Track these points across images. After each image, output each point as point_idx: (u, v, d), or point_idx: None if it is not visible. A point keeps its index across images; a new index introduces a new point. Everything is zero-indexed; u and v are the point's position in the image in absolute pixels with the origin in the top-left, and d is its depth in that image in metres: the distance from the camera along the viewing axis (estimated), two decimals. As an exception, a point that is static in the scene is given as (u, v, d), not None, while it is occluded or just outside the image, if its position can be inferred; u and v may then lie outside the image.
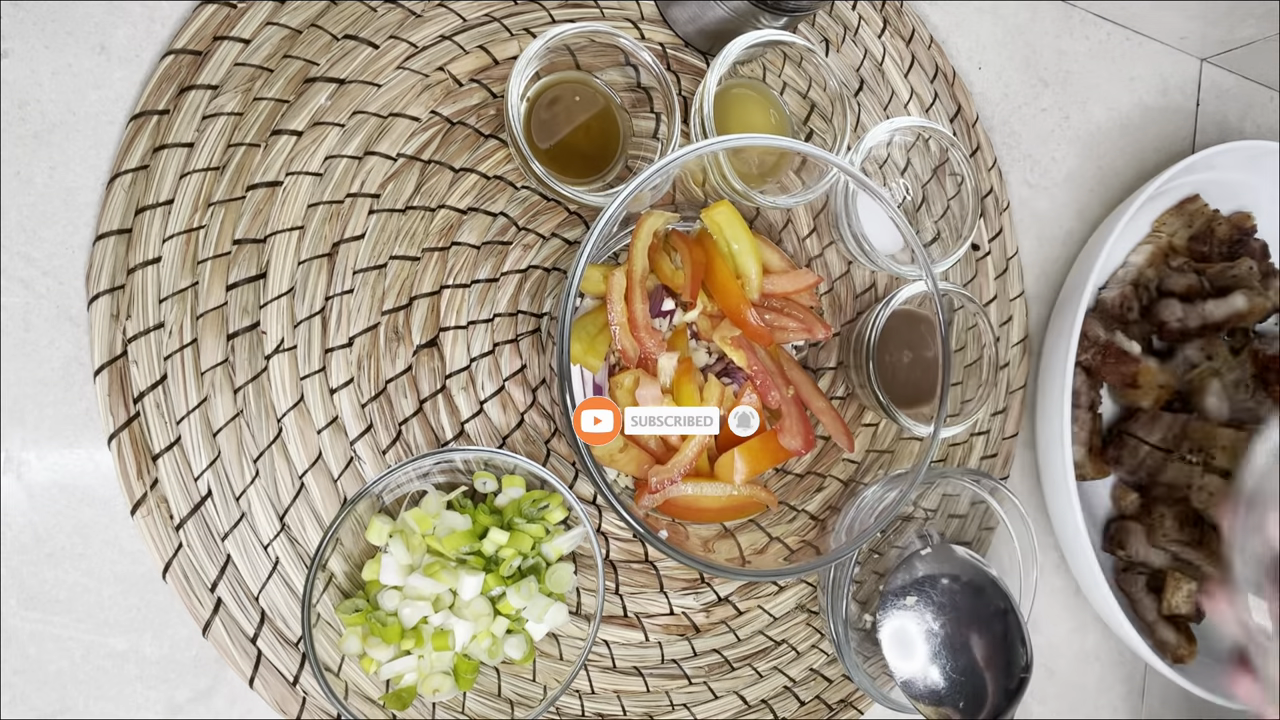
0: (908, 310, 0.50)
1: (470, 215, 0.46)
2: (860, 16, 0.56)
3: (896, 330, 0.50)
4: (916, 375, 0.50)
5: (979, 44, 0.61)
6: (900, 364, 0.50)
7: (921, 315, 0.51)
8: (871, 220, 0.50)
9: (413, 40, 0.46)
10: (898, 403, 0.48)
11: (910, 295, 0.48)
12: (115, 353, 0.40)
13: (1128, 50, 0.66)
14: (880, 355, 0.48)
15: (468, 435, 0.46)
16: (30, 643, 0.39)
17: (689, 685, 0.49)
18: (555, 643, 0.46)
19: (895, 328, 0.49)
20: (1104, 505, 0.61)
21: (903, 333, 0.50)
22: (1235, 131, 0.70)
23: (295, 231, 0.43)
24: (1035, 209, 0.62)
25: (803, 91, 0.52)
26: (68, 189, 0.41)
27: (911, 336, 0.50)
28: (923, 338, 0.51)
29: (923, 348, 0.51)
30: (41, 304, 0.40)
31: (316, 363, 0.43)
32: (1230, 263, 0.59)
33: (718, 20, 0.48)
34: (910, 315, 0.50)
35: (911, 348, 0.50)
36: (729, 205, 0.46)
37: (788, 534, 0.49)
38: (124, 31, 0.42)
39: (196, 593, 0.40)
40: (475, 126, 0.47)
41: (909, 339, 0.50)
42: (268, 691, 0.41)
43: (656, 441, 0.45)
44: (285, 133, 0.43)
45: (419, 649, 0.41)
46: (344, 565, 0.42)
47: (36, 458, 0.40)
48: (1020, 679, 0.47)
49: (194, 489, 0.41)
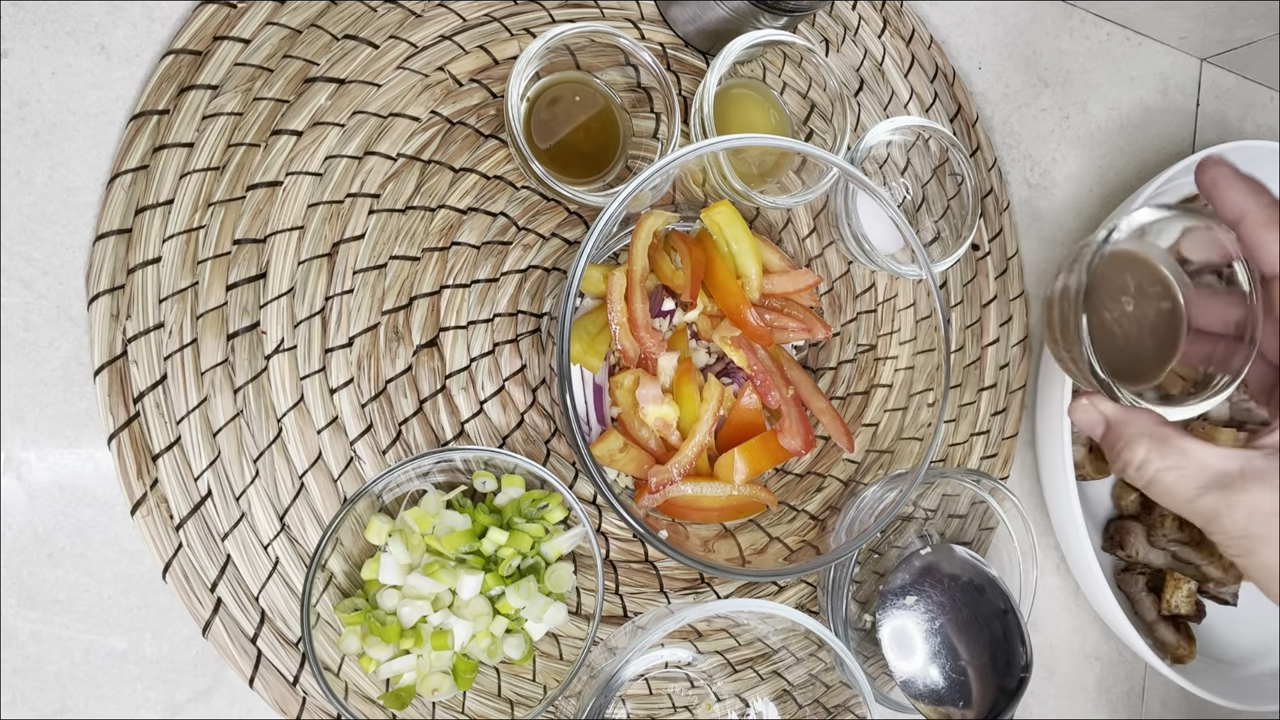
0: (1125, 252, 0.35)
1: (470, 215, 0.46)
2: (860, 16, 0.56)
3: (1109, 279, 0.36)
4: (1137, 335, 0.36)
5: (979, 44, 0.61)
6: (1119, 322, 0.36)
7: (1141, 258, 0.35)
8: (871, 220, 0.50)
9: (413, 40, 0.46)
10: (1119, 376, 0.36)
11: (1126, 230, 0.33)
12: (115, 353, 0.40)
13: (1128, 50, 0.66)
14: (1092, 313, 0.33)
15: (468, 435, 0.46)
16: (30, 643, 0.39)
17: (690, 688, 0.49)
18: (555, 642, 0.46)
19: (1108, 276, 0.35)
20: (1104, 505, 0.61)
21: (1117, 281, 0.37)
22: (1235, 131, 0.70)
23: (295, 231, 0.43)
24: (1035, 209, 0.62)
25: (803, 91, 0.52)
26: (68, 189, 0.41)
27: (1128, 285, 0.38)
28: (1142, 287, 0.36)
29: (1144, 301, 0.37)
30: (41, 304, 0.40)
31: (316, 363, 0.43)
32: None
33: (718, 20, 0.48)
34: (1127, 259, 0.35)
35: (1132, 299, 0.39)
36: (729, 205, 0.46)
37: (788, 534, 0.49)
38: (124, 31, 0.42)
39: (196, 593, 0.40)
40: (475, 126, 0.47)
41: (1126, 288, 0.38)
42: (268, 691, 0.41)
43: (656, 441, 0.45)
44: (285, 133, 0.43)
45: (418, 648, 0.41)
46: (343, 565, 0.42)
47: (36, 458, 0.40)
48: (1020, 679, 0.47)
49: (194, 489, 0.41)
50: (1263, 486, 0.25)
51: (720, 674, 0.50)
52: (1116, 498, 0.60)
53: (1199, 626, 0.58)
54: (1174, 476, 0.27)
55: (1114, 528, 0.59)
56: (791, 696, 0.52)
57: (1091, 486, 0.60)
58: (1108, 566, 0.60)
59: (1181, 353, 0.31)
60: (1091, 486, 0.60)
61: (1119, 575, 0.59)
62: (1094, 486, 0.60)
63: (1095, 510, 0.60)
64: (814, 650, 0.52)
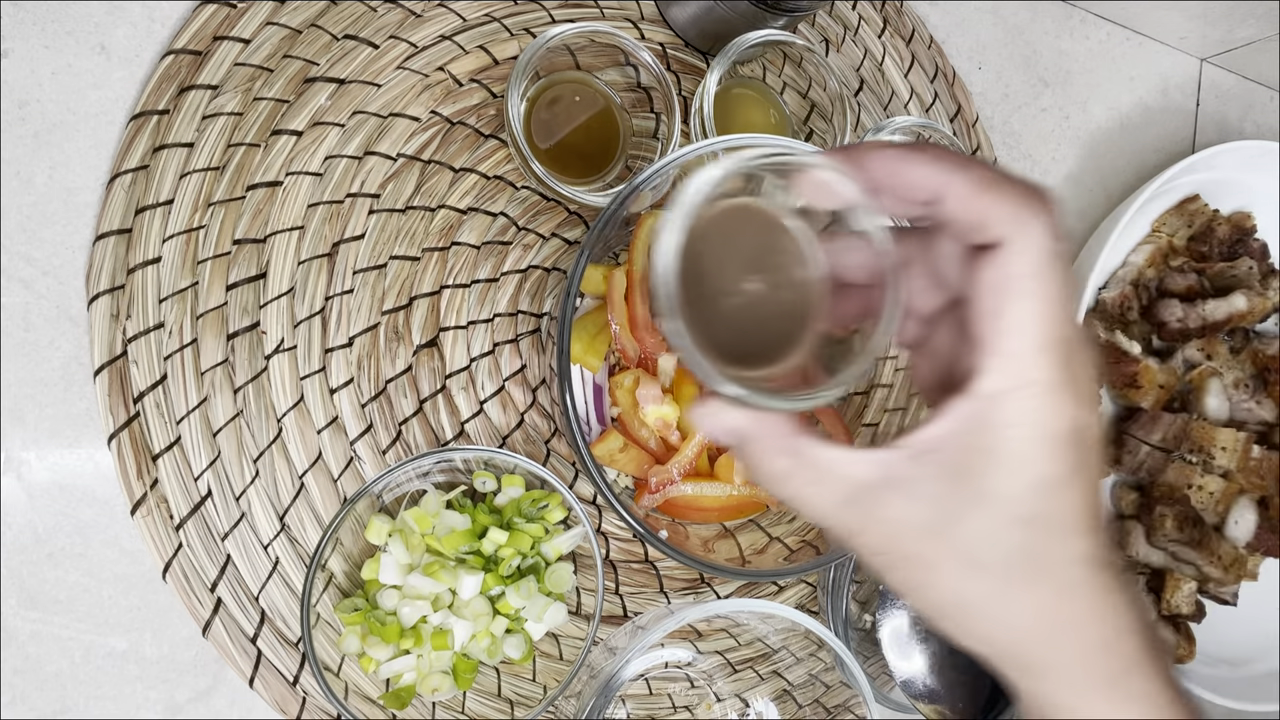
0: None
1: (470, 215, 0.46)
2: (860, 16, 0.56)
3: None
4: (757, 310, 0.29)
5: (979, 44, 0.61)
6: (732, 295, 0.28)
7: (756, 210, 0.28)
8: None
9: (413, 40, 0.46)
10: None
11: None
12: (115, 353, 0.40)
13: (1128, 50, 0.66)
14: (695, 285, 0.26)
15: (468, 435, 0.46)
16: (30, 643, 0.39)
17: (690, 688, 0.49)
18: (555, 642, 0.46)
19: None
20: (1104, 505, 0.61)
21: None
22: (1235, 131, 0.70)
23: (295, 231, 0.43)
24: (1035, 209, 0.62)
25: (803, 91, 0.52)
26: (68, 189, 0.41)
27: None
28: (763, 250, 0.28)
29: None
30: (41, 304, 0.40)
31: (316, 363, 0.43)
32: (1230, 263, 0.59)
33: (718, 20, 0.48)
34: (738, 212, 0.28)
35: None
36: (729, 205, 0.45)
37: (788, 534, 0.49)
38: (124, 31, 0.42)
39: (196, 593, 0.40)
40: (475, 126, 0.47)
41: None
42: (268, 691, 0.41)
43: (656, 441, 0.45)
44: (285, 133, 0.43)
45: (418, 648, 0.41)
46: (343, 565, 0.42)
47: (36, 458, 0.40)
48: (1020, 679, 0.47)
49: (194, 489, 0.41)
50: (902, 497, 0.21)
51: (720, 674, 0.50)
52: (1116, 498, 0.60)
53: (1199, 626, 0.58)
54: (812, 491, 0.22)
55: (1114, 528, 0.59)
56: (791, 696, 0.52)
57: (1091, 486, 0.60)
58: (1108, 566, 0.60)
59: (814, 327, 0.25)
60: (1091, 486, 0.60)
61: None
62: (1094, 486, 0.60)
63: (1095, 510, 0.60)
64: (814, 650, 0.52)
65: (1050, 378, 0.20)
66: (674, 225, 0.22)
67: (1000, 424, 0.21)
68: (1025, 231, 0.20)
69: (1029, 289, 0.20)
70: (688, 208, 0.22)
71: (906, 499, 0.21)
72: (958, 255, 0.23)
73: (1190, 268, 0.60)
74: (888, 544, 0.22)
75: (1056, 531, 0.21)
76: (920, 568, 0.22)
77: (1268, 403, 0.58)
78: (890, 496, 0.21)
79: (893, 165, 0.22)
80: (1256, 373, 0.59)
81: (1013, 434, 0.21)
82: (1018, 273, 0.20)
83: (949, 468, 0.21)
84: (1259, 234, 0.62)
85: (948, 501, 0.21)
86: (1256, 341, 0.59)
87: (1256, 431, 0.58)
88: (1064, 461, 0.21)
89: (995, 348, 0.21)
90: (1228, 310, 0.57)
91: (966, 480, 0.21)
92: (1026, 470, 0.21)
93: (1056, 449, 0.21)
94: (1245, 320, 0.57)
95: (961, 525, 0.21)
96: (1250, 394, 0.58)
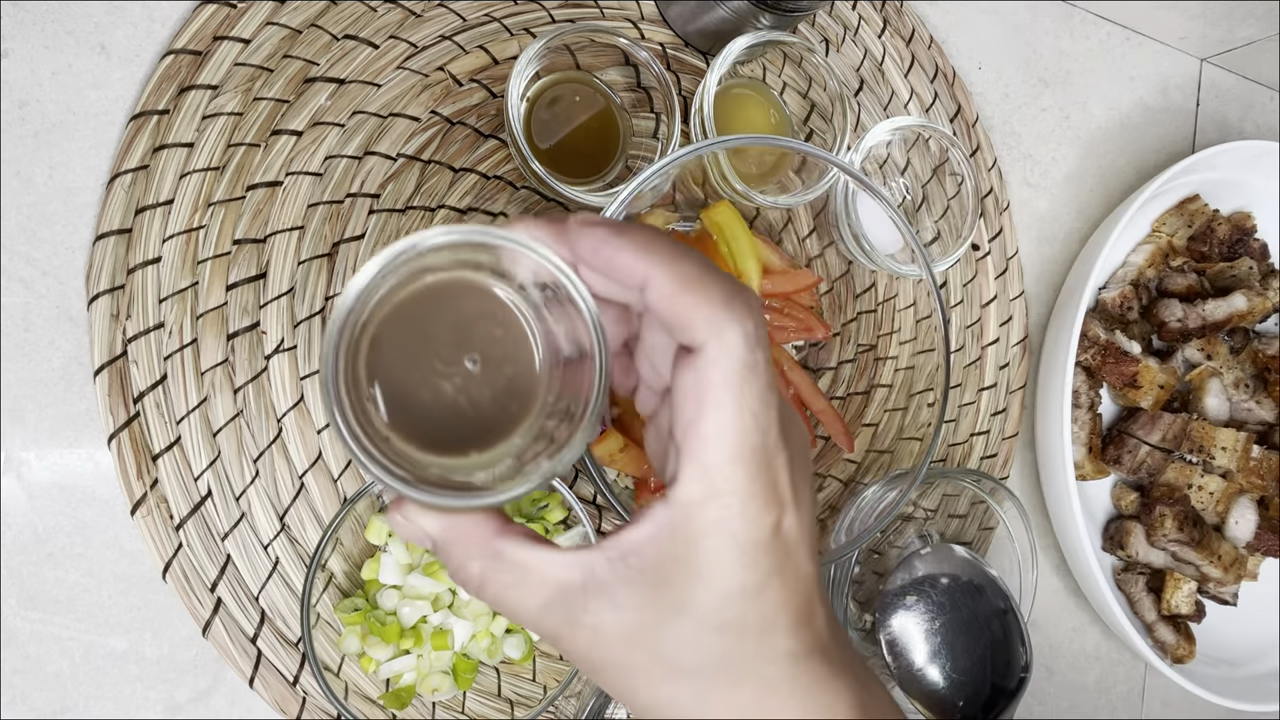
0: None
1: (470, 215, 0.46)
2: (860, 16, 0.56)
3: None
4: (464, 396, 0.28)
5: (979, 44, 0.61)
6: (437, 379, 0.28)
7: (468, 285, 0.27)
8: (871, 220, 0.50)
9: (413, 40, 0.46)
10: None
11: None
12: (115, 353, 0.40)
13: (1128, 50, 0.66)
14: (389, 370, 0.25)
15: (468, 435, 0.46)
16: (30, 643, 0.39)
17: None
18: (555, 643, 0.46)
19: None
20: (1104, 505, 0.61)
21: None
22: (1235, 131, 0.70)
23: (295, 231, 0.43)
24: (1035, 209, 0.62)
25: (803, 91, 0.52)
26: (68, 189, 0.41)
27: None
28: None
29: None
30: (41, 304, 0.40)
31: (317, 363, 0.43)
32: (1230, 263, 0.59)
33: (718, 20, 0.48)
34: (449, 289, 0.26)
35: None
36: (729, 205, 0.45)
37: (787, 534, 0.49)
38: (124, 31, 0.42)
39: (196, 593, 0.40)
40: (475, 126, 0.47)
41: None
42: (268, 691, 0.41)
43: (656, 441, 0.45)
44: (285, 133, 0.43)
45: (418, 648, 0.41)
46: (343, 565, 0.42)
47: (36, 458, 0.40)
48: (1020, 679, 0.47)
49: (194, 489, 0.41)
50: (604, 603, 0.21)
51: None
52: (1116, 498, 0.60)
53: (1199, 626, 0.58)
54: (513, 594, 0.22)
55: (1114, 528, 0.59)
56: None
57: (1091, 486, 0.60)
58: (1108, 566, 0.60)
59: (541, 403, 0.23)
60: (1091, 486, 0.60)
61: (1119, 575, 0.59)
62: (1094, 486, 0.60)
63: (1095, 510, 0.60)
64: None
65: (743, 488, 0.20)
66: (341, 306, 0.20)
67: (696, 534, 0.21)
68: (722, 339, 0.20)
69: (722, 399, 0.20)
70: (360, 284, 0.20)
71: (607, 604, 0.21)
72: (670, 346, 0.22)
73: (1190, 268, 0.60)
74: (591, 650, 0.22)
75: (753, 634, 0.21)
76: (625, 673, 0.22)
77: (1268, 403, 0.58)
78: (591, 601, 0.21)
79: (600, 247, 0.21)
80: (1256, 373, 0.59)
81: (708, 544, 0.21)
82: (712, 382, 0.20)
83: (648, 574, 0.21)
84: (1259, 234, 0.62)
85: (647, 610, 0.21)
86: (1256, 341, 0.59)
87: (1256, 431, 0.58)
88: (759, 568, 0.21)
89: (691, 456, 0.21)
90: (1228, 310, 0.57)
91: (665, 588, 0.21)
92: (721, 580, 0.21)
93: (750, 556, 0.21)
94: (1245, 320, 0.58)
95: (661, 633, 0.21)
96: (1250, 394, 0.58)
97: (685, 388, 0.21)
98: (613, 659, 0.22)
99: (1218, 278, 0.59)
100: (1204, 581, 0.57)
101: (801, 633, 0.22)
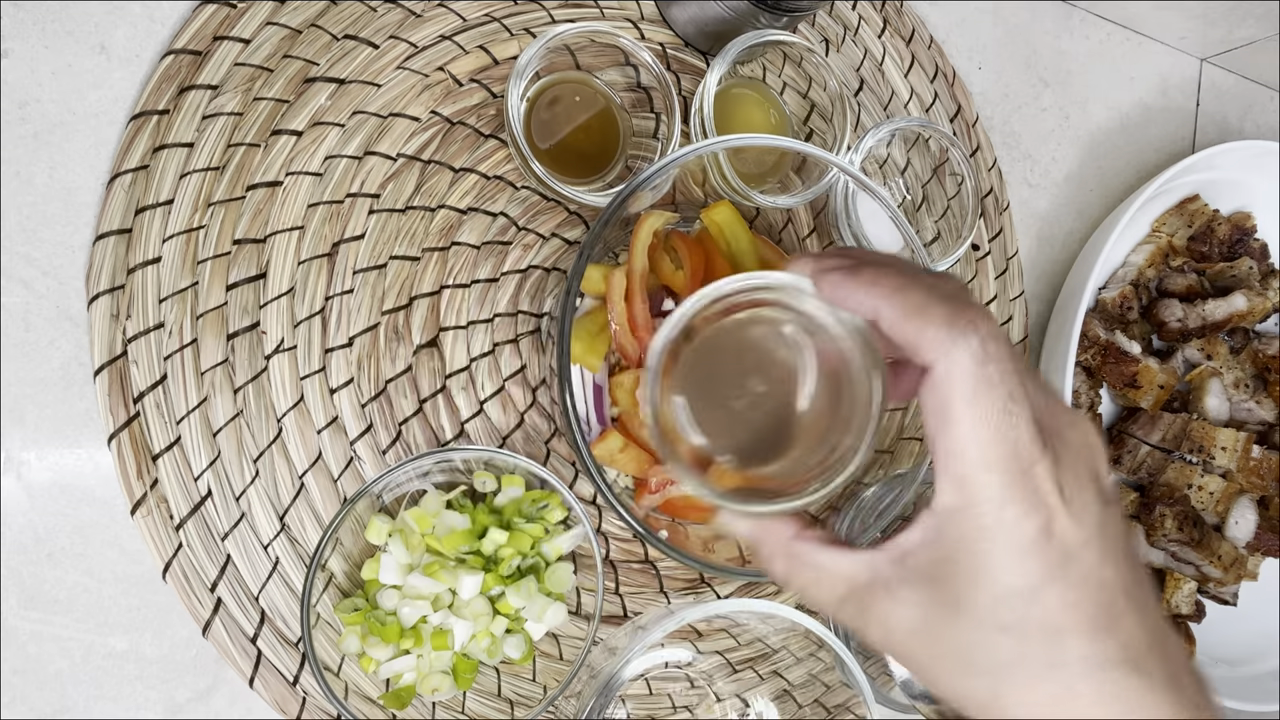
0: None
1: (470, 215, 0.46)
2: (860, 16, 0.56)
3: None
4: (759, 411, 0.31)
5: (979, 44, 0.61)
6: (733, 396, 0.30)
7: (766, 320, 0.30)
8: (871, 220, 0.50)
9: (413, 40, 0.46)
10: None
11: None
12: (115, 353, 0.40)
13: (1128, 50, 0.66)
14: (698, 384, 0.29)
15: (468, 435, 0.46)
16: (30, 643, 0.39)
17: (690, 688, 0.49)
18: (555, 642, 0.46)
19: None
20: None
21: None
22: (1235, 131, 0.70)
23: (295, 231, 0.43)
24: (1035, 209, 0.62)
25: (803, 91, 0.52)
26: (68, 189, 0.41)
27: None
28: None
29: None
30: (41, 304, 0.40)
31: (316, 363, 0.43)
32: (1230, 263, 0.59)
33: (718, 20, 0.48)
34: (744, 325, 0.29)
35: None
36: (729, 205, 0.46)
37: (788, 534, 0.49)
38: (124, 31, 0.42)
39: (196, 593, 0.40)
40: (475, 126, 0.47)
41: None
42: (268, 691, 0.41)
43: (656, 441, 0.45)
44: (285, 133, 0.43)
45: (418, 648, 0.41)
46: (343, 565, 0.42)
47: (36, 458, 0.40)
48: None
49: (194, 489, 0.41)
50: (890, 600, 0.23)
51: (720, 674, 0.50)
52: (1116, 498, 0.60)
53: (1199, 626, 0.58)
54: (814, 591, 0.25)
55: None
56: (791, 696, 0.52)
57: (1091, 486, 0.60)
58: (1108, 566, 0.60)
59: (819, 422, 0.26)
60: (1091, 486, 0.60)
61: (1119, 575, 0.59)
62: (1094, 486, 0.60)
63: (1095, 510, 0.60)
64: (814, 650, 0.52)
65: (997, 495, 0.21)
66: (654, 380, 0.25)
67: (959, 539, 0.22)
68: (950, 358, 0.21)
69: (961, 415, 0.21)
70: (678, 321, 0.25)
71: (892, 601, 0.23)
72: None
73: (1190, 268, 0.60)
74: (886, 641, 0.23)
75: (1038, 636, 0.22)
76: (924, 664, 0.23)
77: (1268, 403, 0.58)
78: (879, 597, 0.23)
79: (836, 290, 0.24)
80: (1256, 373, 0.59)
81: (975, 548, 0.22)
82: (948, 399, 0.21)
83: (924, 575, 0.22)
84: (1259, 234, 0.62)
85: (928, 607, 0.22)
86: (1256, 341, 0.59)
87: (1256, 431, 0.58)
88: (1028, 571, 0.21)
89: (942, 469, 0.22)
90: (1228, 310, 0.57)
91: (940, 589, 0.22)
92: (990, 582, 0.22)
93: (1015, 560, 0.21)
94: (1245, 320, 0.58)
95: (946, 630, 0.22)
96: (1250, 394, 0.58)
97: (927, 406, 0.22)
98: (908, 651, 0.23)
99: (1218, 278, 0.59)
100: (1204, 581, 0.57)
101: (1101, 639, 0.22)
